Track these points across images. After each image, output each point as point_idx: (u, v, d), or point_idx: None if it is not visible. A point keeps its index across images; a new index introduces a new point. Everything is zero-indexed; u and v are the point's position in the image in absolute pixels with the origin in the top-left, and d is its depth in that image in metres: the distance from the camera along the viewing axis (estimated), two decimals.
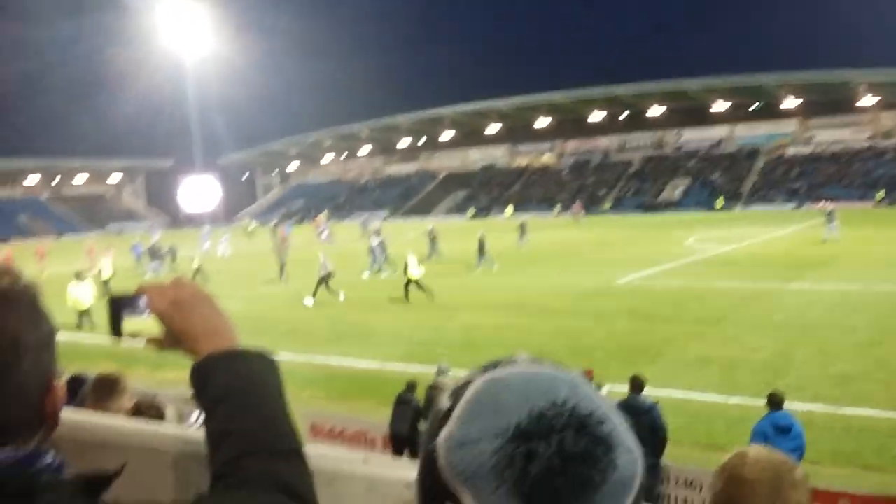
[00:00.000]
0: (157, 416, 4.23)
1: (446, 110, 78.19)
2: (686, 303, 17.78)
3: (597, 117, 75.05)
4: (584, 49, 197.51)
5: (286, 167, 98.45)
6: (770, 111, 67.87)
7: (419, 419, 8.88)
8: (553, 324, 16.09)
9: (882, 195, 53.49)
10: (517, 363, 0.69)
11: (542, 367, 0.67)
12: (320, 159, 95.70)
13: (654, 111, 71.83)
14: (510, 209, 60.45)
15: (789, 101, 65.48)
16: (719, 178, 65.68)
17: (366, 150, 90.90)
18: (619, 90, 68.87)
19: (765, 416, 7.16)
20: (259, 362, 1.09)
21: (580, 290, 20.44)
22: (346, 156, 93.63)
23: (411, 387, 9.18)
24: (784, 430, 6.90)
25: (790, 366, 11.96)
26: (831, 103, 63.74)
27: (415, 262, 20.28)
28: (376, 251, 26.27)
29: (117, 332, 1.16)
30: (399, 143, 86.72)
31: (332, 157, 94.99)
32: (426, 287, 19.93)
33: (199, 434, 1.21)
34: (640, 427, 0.69)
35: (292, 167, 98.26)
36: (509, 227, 36.39)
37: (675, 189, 66.30)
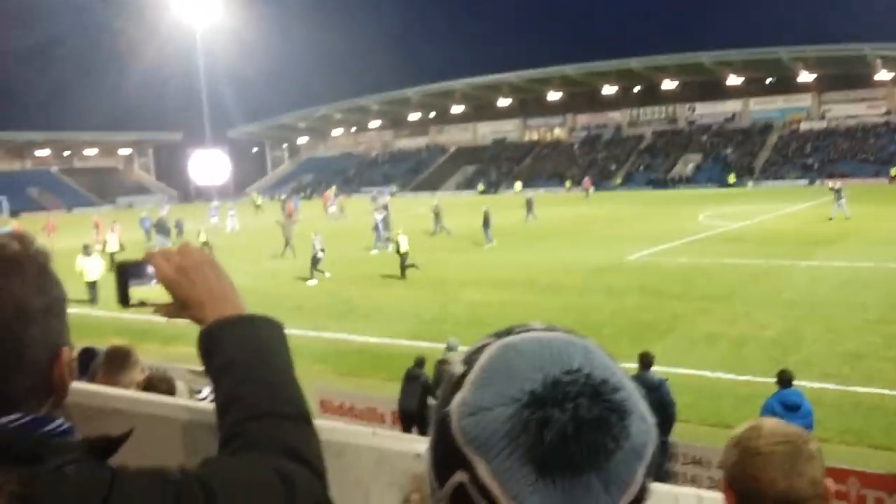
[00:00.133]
0: (168, 390, 4.25)
1: (457, 83, 77.54)
2: (696, 279, 17.73)
3: (609, 91, 74.29)
4: (596, 21, 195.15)
5: (296, 141, 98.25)
6: (785, 85, 67.00)
7: (428, 395, 8.94)
8: (562, 300, 16.09)
9: None
10: (531, 329, 0.68)
11: (557, 333, 0.67)
12: (330, 133, 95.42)
13: (667, 84, 71.03)
14: (518, 185, 60.16)
15: (804, 76, 64.56)
16: (732, 153, 65.09)
17: (376, 123, 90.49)
18: (632, 63, 68.07)
19: (773, 394, 7.16)
20: (266, 328, 1.09)
21: (589, 266, 20.40)
22: (356, 129, 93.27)
23: (420, 362, 9.22)
24: (793, 407, 6.90)
25: (799, 343, 11.93)
26: (847, 78, 62.84)
27: (406, 241, 20.57)
28: (379, 227, 26.30)
29: (125, 300, 1.16)
30: (409, 116, 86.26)
31: (342, 131, 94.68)
32: (405, 265, 20.32)
33: (208, 406, 1.21)
34: (648, 404, 0.69)
35: (302, 141, 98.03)
36: (518, 203, 36.26)
37: (687, 164, 65.77)
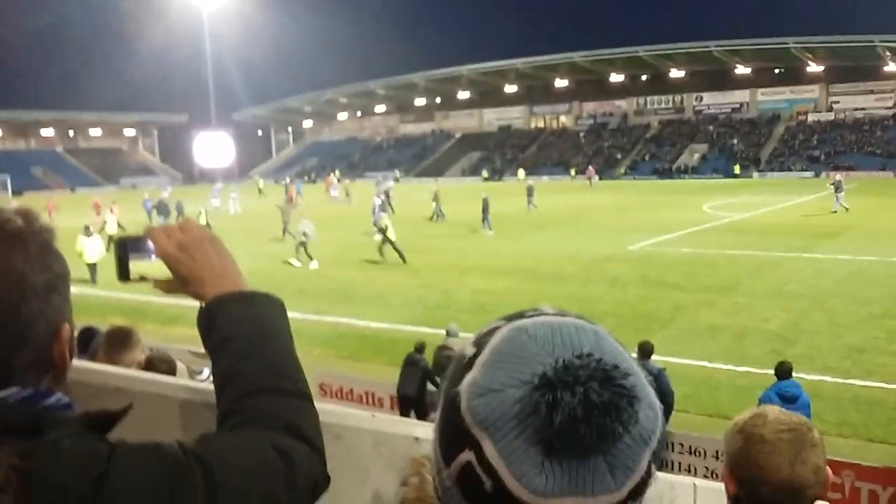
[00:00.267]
0: (168, 370, 4.26)
1: (463, 69, 77.20)
2: (699, 270, 17.71)
3: (616, 79, 73.96)
4: (605, 8, 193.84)
5: (301, 124, 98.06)
6: (793, 76, 66.67)
7: (427, 380, 8.98)
8: (564, 289, 16.09)
9: None
10: (543, 313, 0.68)
11: (568, 318, 0.67)
12: (336, 117, 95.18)
13: (675, 73, 70.70)
14: (522, 172, 59.93)
15: (813, 66, 64.21)
16: (738, 143, 64.82)
17: (381, 108, 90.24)
18: (639, 51, 67.69)
19: (771, 385, 7.17)
20: (266, 304, 1.09)
21: (592, 255, 20.38)
22: (362, 114, 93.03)
23: (420, 348, 9.24)
24: (790, 399, 6.90)
25: (800, 336, 11.93)
26: (855, 69, 62.46)
27: (390, 225, 20.86)
28: (377, 212, 26.31)
29: (125, 276, 1.15)
30: (415, 101, 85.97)
31: (348, 115, 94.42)
32: (385, 251, 20.52)
33: (208, 386, 1.21)
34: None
35: (307, 124, 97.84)
36: (521, 191, 36.18)
37: (693, 154, 65.53)
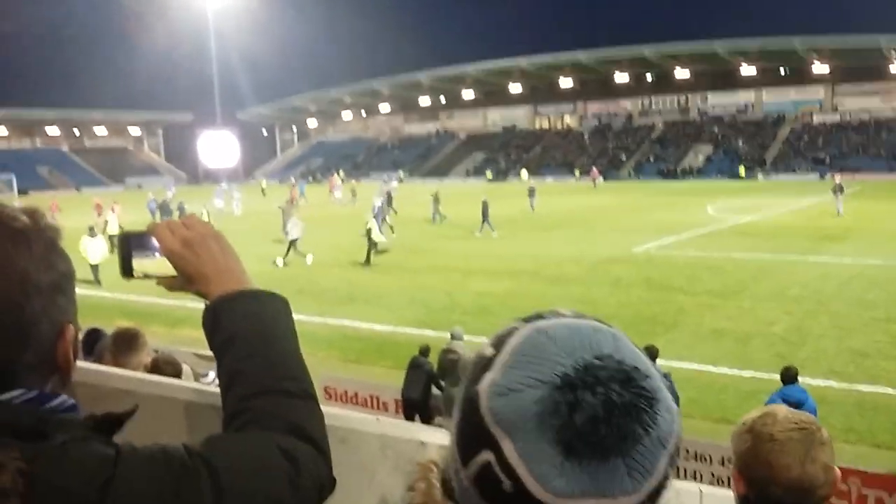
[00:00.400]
0: (174, 373, 4.27)
1: (468, 68, 77.22)
2: (703, 273, 17.66)
3: (621, 79, 73.86)
4: (610, 7, 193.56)
5: (306, 124, 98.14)
6: (799, 76, 66.54)
7: (432, 384, 8.97)
8: (568, 291, 16.07)
9: None
10: (561, 315, 0.69)
11: (586, 320, 0.68)
12: (340, 117, 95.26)
13: (680, 73, 70.56)
14: (525, 173, 59.80)
15: (818, 67, 64.03)
16: (743, 145, 64.72)
17: (386, 108, 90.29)
18: (645, 50, 67.61)
19: (777, 391, 7.14)
20: (271, 303, 1.09)
21: (596, 257, 20.35)
22: (366, 114, 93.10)
23: (425, 351, 9.23)
24: (796, 405, 6.88)
25: (805, 340, 11.89)
26: (861, 70, 62.30)
27: (377, 226, 20.88)
28: (376, 212, 26.32)
29: (128, 272, 1.13)
30: (420, 101, 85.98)
31: (352, 115, 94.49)
32: (371, 253, 20.52)
33: (214, 388, 1.21)
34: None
35: (312, 124, 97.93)
36: (524, 192, 36.13)
37: (698, 155, 65.45)
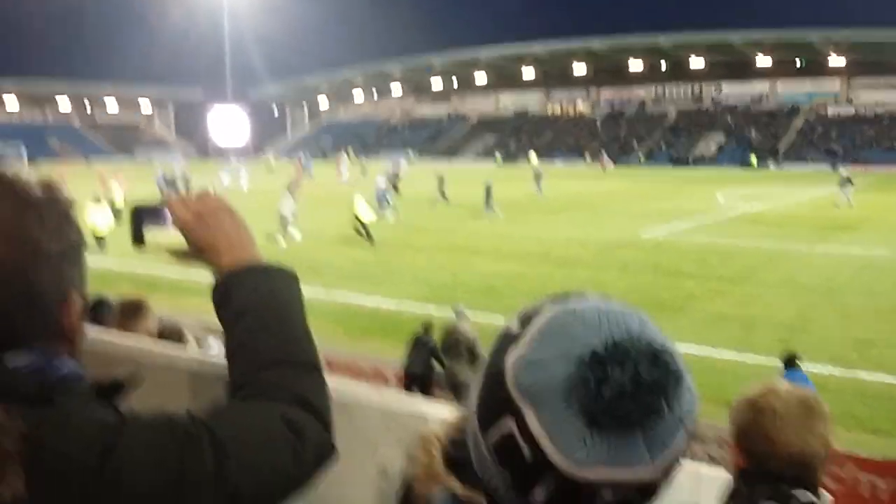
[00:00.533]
0: (178, 341, 4.33)
1: (481, 52, 76.80)
2: (711, 260, 17.62)
3: (635, 66, 73.34)
4: None
5: (317, 103, 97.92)
6: (814, 68, 65.86)
7: (433, 360, 9.03)
8: (576, 274, 16.06)
9: None
10: (587, 297, 0.71)
11: (613, 303, 0.70)
12: (351, 97, 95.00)
13: (695, 63, 69.98)
14: (533, 156, 59.33)
15: (835, 59, 63.37)
16: (756, 134, 64.23)
17: (397, 89, 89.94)
18: (660, 39, 67.03)
19: (778, 376, 7.16)
20: (281, 278, 1.09)
21: (605, 241, 20.32)
22: (378, 95, 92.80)
23: (428, 328, 9.29)
24: None
25: (810, 328, 11.88)
26: (877, 64, 61.59)
27: (363, 204, 20.61)
28: (379, 194, 26.38)
29: (139, 241, 1.15)
30: (431, 84, 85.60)
31: (364, 96, 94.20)
32: (369, 232, 20.37)
33: (219, 357, 1.22)
34: None
35: (323, 104, 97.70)
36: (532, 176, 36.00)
37: (710, 144, 65.01)
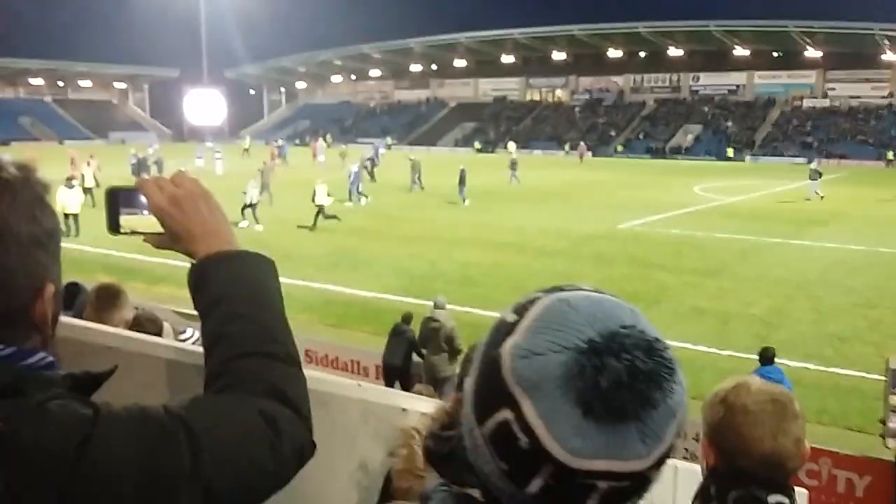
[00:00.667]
0: (155, 330, 4.23)
1: (461, 36, 76.48)
2: (686, 252, 17.78)
3: (614, 54, 73.51)
4: None
5: (294, 85, 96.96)
6: (791, 60, 66.51)
7: (413, 351, 9.00)
8: (551, 264, 16.13)
9: (893, 156, 52.69)
10: (581, 288, 0.73)
11: (605, 294, 0.72)
12: (330, 79, 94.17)
13: (673, 52, 70.37)
14: (512, 145, 59.23)
15: (811, 51, 64.07)
16: (732, 126, 64.83)
17: (376, 73, 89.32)
18: (639, 27, 67.24)
19: (754, 371, 7.23)
20: (258, 265, 1.08)
21: (581, 232, 20.41)
22: (356, 78, 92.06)
23: (407, 319, 9.25)
24: None
25: (784, 322, 12.04)
26: (853, 56, 62.37)
27: (323, 190, 20.62)
28: (353, 180, 26.21)
29: (115, 228, 1.13)
30: (410, 67, 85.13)
31: (342, 79, 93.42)
32: (334, 214, 20.56)
33: (196, 348, 1.21)
34: None
35: (301, 86, 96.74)
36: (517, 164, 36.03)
37: (687, 135, 65.52)
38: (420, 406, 1.35)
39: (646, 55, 73.75)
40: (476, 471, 0.72)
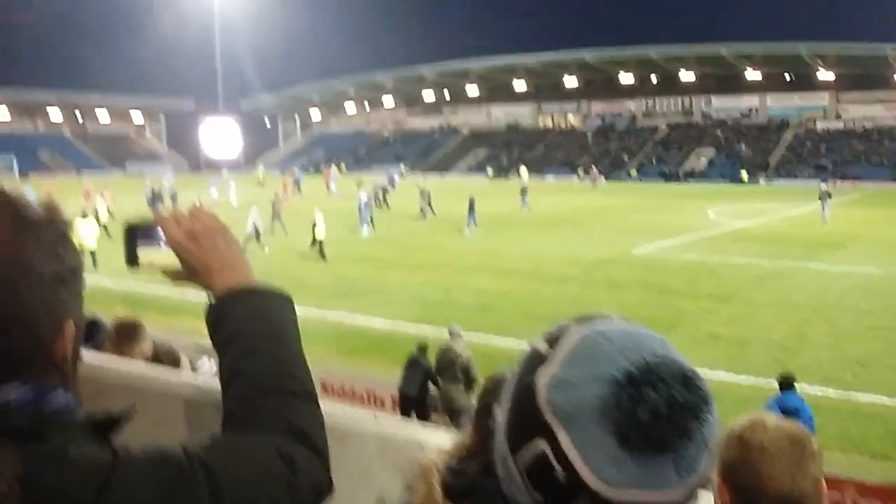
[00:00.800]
0: (172, 363, 4.26)
1: (473, 64, 76.98)
2: (702, 277, 17.66)
3: (626, 79, 73.69)
4: (617, 7, 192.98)
5: (309, 115, 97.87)
6: (803, 82, 66.31)
7: (429, 381, 8.97)
8: (565, 291, 16.07)
9: None
10: (611, 318, 0.74)
11: (636, 325, 0.72)
12: (343, 109, 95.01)
13: (685, 76, 70.39)
14: (524, 171, 59.16)
15: (823, 73, 63.92)
16: (746, 149, 64.58)
17: (389, 101, 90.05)
18: (650, 52, 67.44)
19: (773, 397, 7.14)
20: (276, 301, 1.08)
21: (595, 258, 20.34)
22: (370, 107, 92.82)
23: (423, 349, 9.23)
24: (793, 412, 6.88)
25: (802, 347, 11.91)
26: (865, 78, 62.13)
27: (321, 220, 20.62)
28: (363, 209, 26.20)
29: (133, 262, 1.14)
30: (423, 95, 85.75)
31: (355, 108, 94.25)
32: (323, 251, 20.47)
33: (214, 382, 1.20)
34: None
35: (315, 115, 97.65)
36: (531, 190, 36.05)
37: (700, 158, 65.34)
38: (437, 438, 1.34)
39: (657, 79, 73.84)
40: (509, 501, 0.72)
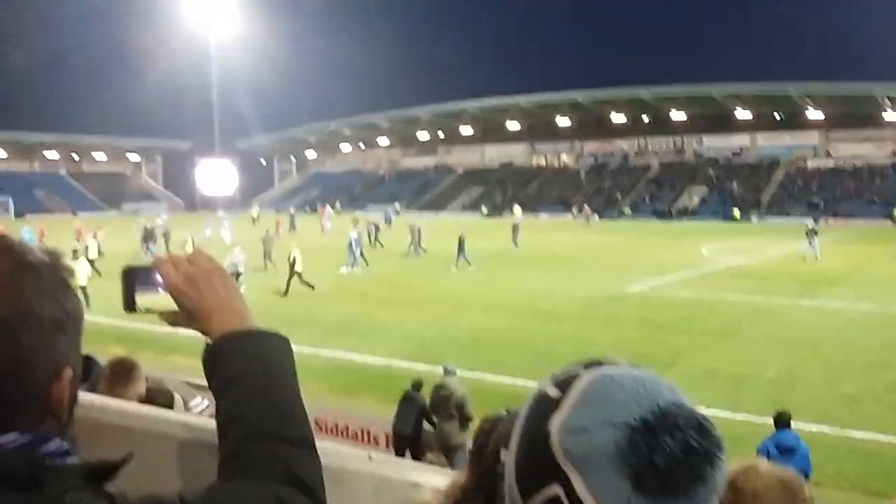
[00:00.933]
0: (166, 403, 4.24)
1: (467, 104, 77.90)
2: (697, 314, 17.68)
3: (618, 119, 74.61)
4: (607, 49, 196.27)
5: (304, 155, 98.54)
6: (793, 121, 67.18)
7: (423, 419, 8.91)
8: (561, 329, 16.04)
9: None
10: (619, 363, 0.74)
11: (644, 371, 0.73)
12: (339, 148, 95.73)
13: (676, 115, 71.32)
14: (517, 210, 59.40)
15: (812, 113, 64.82)
16: (738, 187, 65.13)
17: (384, 141, 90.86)
18: (641, 92, 68.41)
19: (770, 435, 7.11)
20: (273, 344, 1.07)
21: (590, 295, 20.36)
22: (365, 146, 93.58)
23: (417, 385, 9.18)
24: (788, 450, 6.86)
25: (798, 384, 11.88)
26: (854, 117, 63.02)
27: (300, 258, 21.23)
28: (353, 246, 26.29)
29: (130, 307, 1.13)
30: (418, 135, 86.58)
31: (351, 147, 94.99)
32: (291, 283, 21.14)
33: (207, 422, 1.20)
34: None
35: (311, 155, 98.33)
36: (524, 228, 36.21)
37: (693, 197, 65.83)
38: (433, 478, 1.34)
39: (649, 119, 74.75)
40: None
